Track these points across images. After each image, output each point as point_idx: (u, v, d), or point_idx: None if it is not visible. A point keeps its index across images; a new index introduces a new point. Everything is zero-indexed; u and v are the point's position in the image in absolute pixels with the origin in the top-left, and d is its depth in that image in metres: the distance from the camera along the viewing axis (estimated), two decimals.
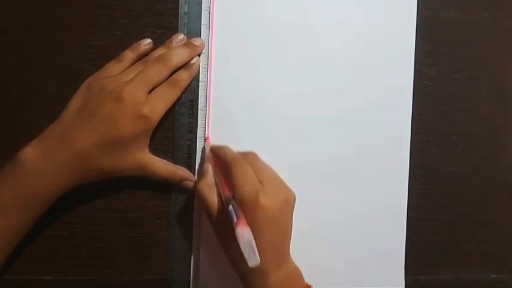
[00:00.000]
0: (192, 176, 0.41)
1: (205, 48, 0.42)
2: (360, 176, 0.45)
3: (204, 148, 0.42)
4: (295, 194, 0.38)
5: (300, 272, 0.39)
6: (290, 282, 0.37)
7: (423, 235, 0.46)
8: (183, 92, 0.41)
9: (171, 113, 0.41)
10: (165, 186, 0.41)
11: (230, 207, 0.34)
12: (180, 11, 0.42)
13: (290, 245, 0.38)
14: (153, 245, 0.42)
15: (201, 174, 0.39)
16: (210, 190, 0.37)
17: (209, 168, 0.39)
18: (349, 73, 0.44)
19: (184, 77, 0.40)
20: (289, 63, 0.43)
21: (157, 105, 0.38)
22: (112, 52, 0.41)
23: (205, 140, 0.42)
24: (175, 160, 0.42)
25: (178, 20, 0.42)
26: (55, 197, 0.37)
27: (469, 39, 0.47)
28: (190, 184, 0.41)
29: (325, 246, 0.44)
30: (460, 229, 0.47)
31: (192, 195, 0.42)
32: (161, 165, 0.40)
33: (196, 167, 0.42)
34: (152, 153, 0.40)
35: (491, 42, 0.47)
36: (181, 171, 0.41)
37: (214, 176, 0.38)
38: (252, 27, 0.43)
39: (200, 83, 0.42)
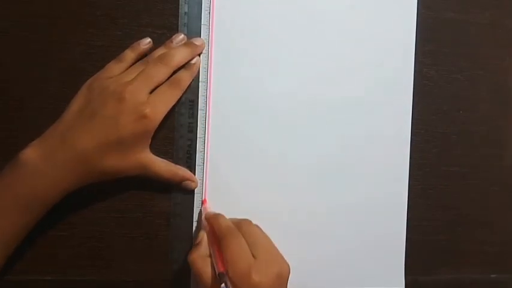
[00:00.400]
0: (193, 176, 0.41)
1: (205, 48, 0.42)
2: (360, 176, 0.45)
3: (201, 212, 0.42)
4: (295, 194, 0.38)
5: None
6: None
7: (423, 235, 0.46)
8: (184, 92, 0.41)
9: (171, 113, 0.41)
10: (165, 186, 0.41)
11: (223, 285, 0.33)
12: (180, 11, 0.42)
13: None
14: (153, 245, 0.42)
15: (196, 244, 0.39)
16: (204, 262, 0.36)
17: (204, 237, 0.38)
18: (349, 73, 0.44)
19: (185, 77, 0.40)
20: (289, 63, 0.43)
21: (159, 106, 0.38)
22: (112, 52, 0.41)
23: (202, 203, 0.42)
24: (175, 160, 0.42)
25: (178, 20, 0.42)
26: (56, 199, 0.37)
27: (469, 39, 0.47)
28: (191, 184, 0.41)
29: (325, 246, 0.44)
30: (460, 229, 0.47)
31: (191, 195, 0.42)
32: (162, 166, 0.40)
33: (196, 167, 0.42)
34: (152, 153, 0.40)
35: (491, 42, 0.47)
36: (182, 172, 0.41)
37: (208, 246, 0.38)
38: (252, 27, 0.43)
39: (200, 83, 0.42)
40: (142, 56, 0.41)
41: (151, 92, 0.38)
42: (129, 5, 0.41)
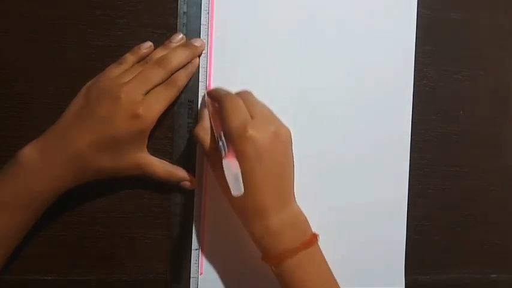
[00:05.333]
0: (191, 176, 0.41)
1: (204, 48, 0.42)
2: (360, 176, 0.45)
3: (204, 96, 0.42)
4: (295, 194, 0.38)
5: (306, 219, 0.38)
6: (294, 227, 0.37)
7: (423, 235, 0.46)
8: (182, 92, 0.41)
9: (170, 113, 0.41)
10: (165, 186, 0.41)
11: (220, 143, 0.35)
12: (179, 11, 0.42)
13: (293, 188, 0.38)
14: (153, 245, 0.42)
15: (198, 119, 0.40)
16: (205, 132, 0.38)
17: (205, 112, 0.39)
18: (349, 73, 0.44)
19: (181, 76, 0.40)
20: (289, 62, 0.43)
21: (153, 105, 0.38)
22: (112, 52, 0.41)
23: (206, 88, 0.42)
24: (174, 160, 0.42)
25: (178, 20, 0.42)
26: (54, 197, 0.37)
27: (469, 39, 0.47)
28: (189, 185, 0.41)
29: (325, 246, 0.44)
30: (460, 229, 0.47)
31: (191, 195, 0.42)
32: (159, 166, 0.40)
33: (196, 167, 0.42)
34: (151, 153, 0.40)
35: (491, 42, 0.47)
36: (179, 172, 0.41)
37: (210, 119, 0.39)
38: (251, 27, 0.43)
39: (200, 83, 0.42)
40: (143, 59, 0.41)
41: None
42: (129, 5, 0.41)
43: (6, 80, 0.40)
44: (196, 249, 0.42)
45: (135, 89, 0.37)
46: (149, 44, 0.41)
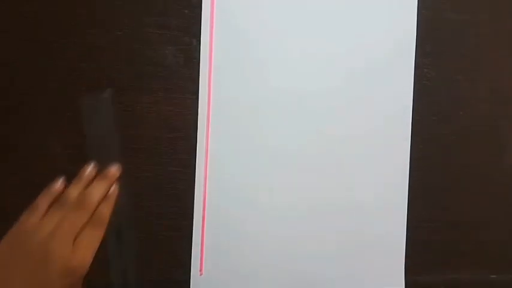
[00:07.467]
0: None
1: (205, 48, 0.42)
2: (360, 175, 0.45)
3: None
4: (295, 194, 0.38)
5: None
6: None
7: (423, 235, 0.46)
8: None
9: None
10: (165, 186, 0.41)
11: None
12: (179, 11, 0.42)
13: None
14: (153, 245, 0.42)
15: None
16: None
17: None
18: (349, 73, 0.44)
19: (105, 211, 0.38)
20: (289, 63, 0.43)
21: (86, 253, 0.36)
22: (112, 52, 0.41)
23: None
24: (174, 160, 0.41)
25: (178, 20, 0.42)
26: None
27: (469, 39, 0.47)
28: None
29: (325, 246, 0.44)
30: (460, 229, 0.47)
31: (191, 195, 0.42)
32: None
33: (196, 167, 0.42)
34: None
35: (491, 42, 0.47)
36: None
37: None
38: (251, 26, 0.43)
39: (200, 83, 0.42)
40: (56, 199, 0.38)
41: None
42: (129, 5, 0.42)
43: (5, 80, 0.40)
44: (197, 249, 0.42)
45: (63, 242, 0.35)
46: (59, 182, 0.38)
